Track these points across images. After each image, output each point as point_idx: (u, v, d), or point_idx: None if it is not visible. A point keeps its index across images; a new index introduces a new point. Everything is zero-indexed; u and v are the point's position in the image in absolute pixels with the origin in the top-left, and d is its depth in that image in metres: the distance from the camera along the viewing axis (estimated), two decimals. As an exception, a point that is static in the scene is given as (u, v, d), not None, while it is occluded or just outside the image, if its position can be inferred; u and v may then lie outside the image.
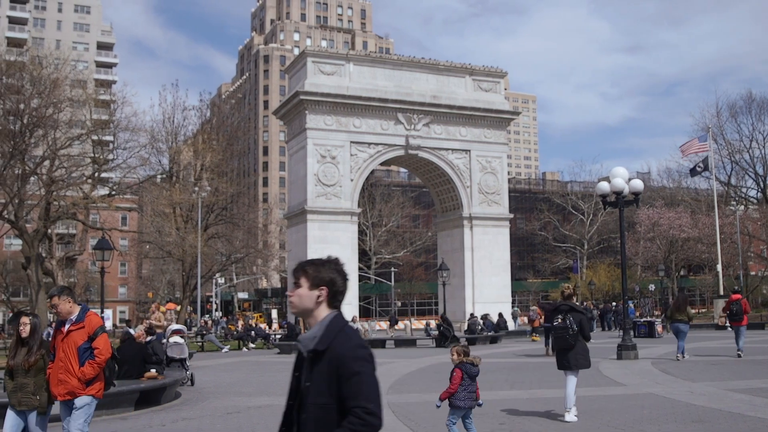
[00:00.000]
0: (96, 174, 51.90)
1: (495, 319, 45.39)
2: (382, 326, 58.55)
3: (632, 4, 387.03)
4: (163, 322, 24.83)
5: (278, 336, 42.44)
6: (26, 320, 9.16)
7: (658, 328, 39.78)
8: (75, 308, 8.74)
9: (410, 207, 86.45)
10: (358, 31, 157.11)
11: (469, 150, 59.62)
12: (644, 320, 42.17)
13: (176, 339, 21.44)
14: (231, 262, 66.65)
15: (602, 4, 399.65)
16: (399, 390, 18.21)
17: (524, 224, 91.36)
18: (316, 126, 55.25)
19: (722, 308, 46.74)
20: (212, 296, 79.29)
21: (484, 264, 58.91)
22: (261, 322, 57.69)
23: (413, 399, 16.31)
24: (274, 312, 74.31)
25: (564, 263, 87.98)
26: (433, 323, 50.05)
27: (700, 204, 73.68)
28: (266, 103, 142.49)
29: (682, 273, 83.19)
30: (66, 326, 8.69)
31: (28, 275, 46.18)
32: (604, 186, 24.80)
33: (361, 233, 71.75)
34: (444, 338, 36.63)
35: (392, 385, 19.14)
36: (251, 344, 40.05)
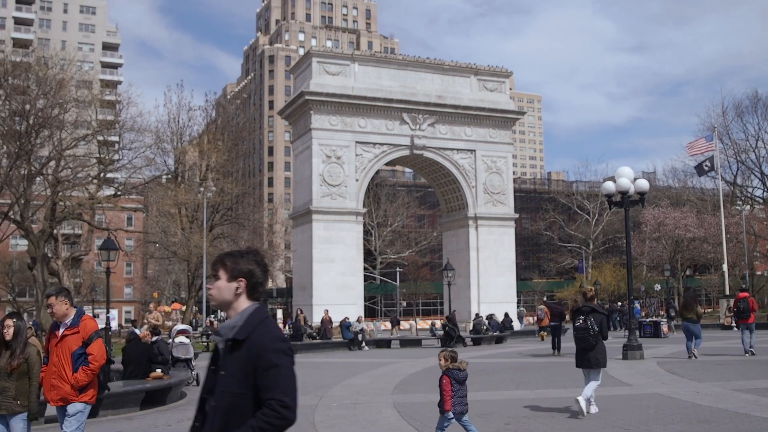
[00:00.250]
0: (101, 174, 52.00)
1: (501, 319, 45.36)
2: (387, 326, 58.51)
3: (637, 4, 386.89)
4: (161, 321, 24.85)
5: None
6: (10, 323, 8.94)
7: (664, 328, 39.75)
8: (71, 311, 8.54)
9: (415, 207, 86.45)
10: (363, 31, 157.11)
11: (475, 150, 59.57)
12: (650, 320, 42.12)
13: (182, 339, 21.46)
14: (236, 263, 66.52)
15: (607, 4, 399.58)
16: (404, 390, 18.20)
17: (529, 224, 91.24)
18: (321, 126, 55.25)
19: (727, 307, 47.11)
20: (218, 296, 79.25)
21: (490, 264, 58.85)
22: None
23: (418, 399, 16.29)
24: (279, 312, 74.32)
25: (569, 263, 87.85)
26: (439, 323, 50.05)
27: (706, 204, 73.46)
28: (271, 104, 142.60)
29: (688, 273, 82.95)
30: (60, 330, 8.50)
31: (34, 275, 46.26)
32: (610, 186, 24.75)
33: (367, 233, 71.72)
34: (449, 338, 36.63)
35: (397, 385, 19.14)
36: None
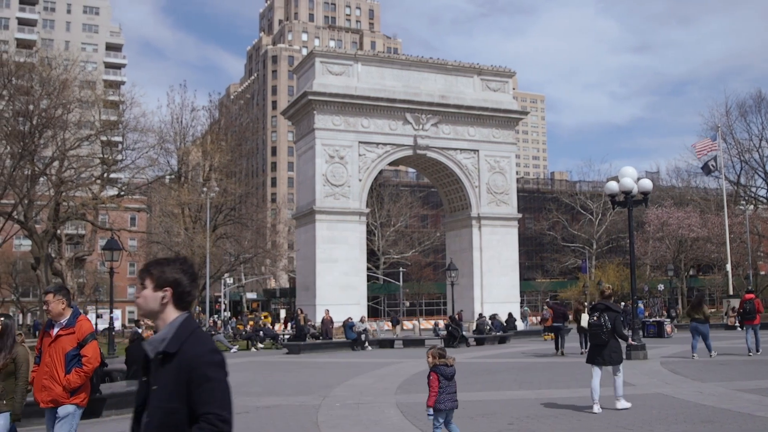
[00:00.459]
0: (105, 174, 52.08)
1: (504, 319, 45.34)
2: (390, 326, 58.48)
3: (640, 4, 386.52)
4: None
5: (287, 336, 42.48)
6: None
7: (667, 328, 39.71)
8: (67, 311, 8.23)
9: (419, 207, 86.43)
10: (366, 32, 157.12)
11: (478, 150, 59.58)
12: (653, 320, 42.07)
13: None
14: (239, 263, 66.69)
15: (610, 4, 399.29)
16: (407, 390, 18.19)
17: (533, 224, 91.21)
18: (325, 126, 55.28)
19: (731, 308, 47.07)
20: (221, 296, 79.42)
21: (493, 264, 58.86)
22: (268, 322, 57.72)
23: (421, 399, 16.18)
24: (282, 312, 74.42)
25: (573, 263, 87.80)
26: (442, 323, 50.03)
27: (710, 203, 73.40)
28: (275, 104, 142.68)
29: (691, 273, 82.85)
30: (55, 329, 8.22)
31: (38, 276, 46.35)
32: (613, 186, 24.72)
33: (370, 233, 71.75)
34: (452, 338, 36.64)
35: (401, 385, 19.13)
36: (260, 344, 40.10)
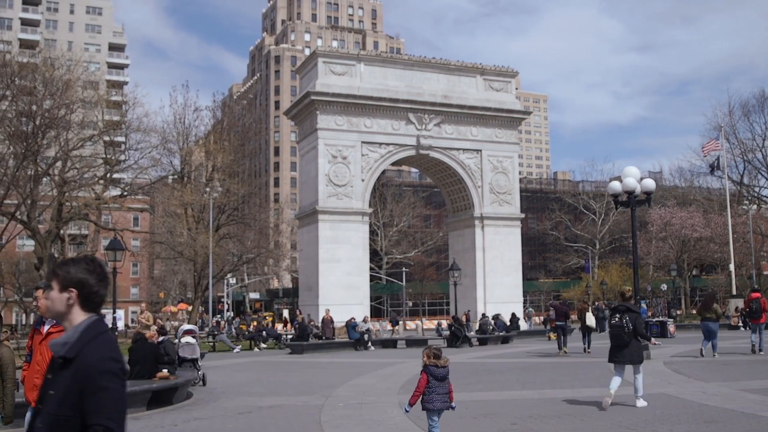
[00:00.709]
0: (108, 175, 52.16)
1: (507, 319, 45.31)
2: (390, 326, 58.45)
3: (643, 3, 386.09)
4: (152, 321, 24.93)
5: (289, 336, 42.47)
6: None
7: (671, 328, 39.69)
8: None
9: (421, 207, 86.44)
10: (369, 32, 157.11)
11: (481, 150, 59.52)
12: (656, 320, 42.03)
13: (188, 339, 21.50)
14: (242, 263, 66.75)
15: (613, 3, 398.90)
16: (410, 390, 18.05)
17: (536, 224, 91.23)
18: (327, 126, 55.25)
19: (735, 308, 47.02)
20: (224, 296, 79.45)
21: (496, 264, 58.81)
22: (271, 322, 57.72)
23: (424, 399, 16.23)
24: (285, 312, 74.42)
25: (576, 263, 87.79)
26: (445, 323, 50.02)
27: (713, 203, 73.34)
28: (277, 104, 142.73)
29: (695, 273, 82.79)
30: (46, 327, 7.92)
31: (41, 276, 46.37)
32: (616, 185, 24.67)
33: (373, 233, 71.75)
34: (455, 338, 36.63)
35: (404, 385, 19.12)
36: (263, 344, 40.09)
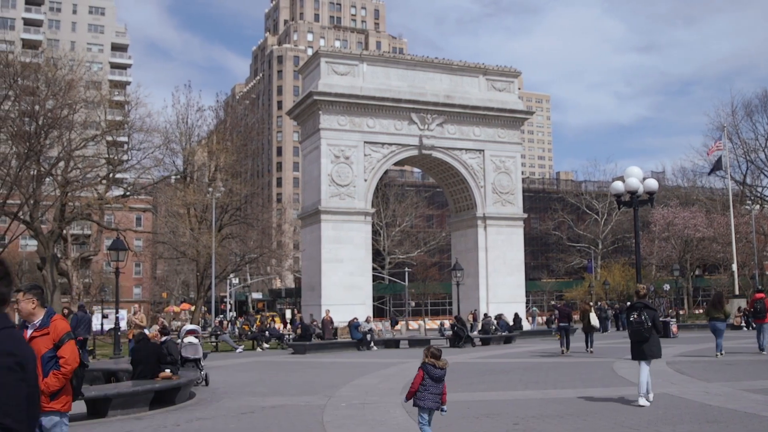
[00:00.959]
0: (110, 175, 52.20)
1: (510, 319, 45.29)
2: (397, 327, 58.49)
3: (645, 3, 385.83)
4: (145, 322, 24.99)
5: (292, 336, 42.49)
6: None
7: (673, 328, 39.69)
8: (39, 311, 7.66)
9: (424, 207, 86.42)
10: (372, 32, 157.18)
11: (483, 150, 59.47)
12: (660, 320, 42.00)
13: (191, 339, 21.52)
14: (245, 263, 66.78)
15: (615, 4, 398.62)
16: (413, 390, 18.17)
17: (538, 224, 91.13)
18: (330, 126, 55.24)
19: (738, 308, 47.00)
20: (226, 296, 79.53)
21: (498, 264, 58.76)
22: (277, 322, 57.77)
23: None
24: (288, 312, 74.47)
25: (578, 263, 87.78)
26: (447, 323, 50.03)
27: (715, 203, 73.31)
28: (280, 104, 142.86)
29: (697, 273, 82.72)
30: (29, 331, 7.65)
31: (44, 276, 46.50)
32: (619, 185, 24.65)
33: (375, 233, 71.74)
34: (458, 338, 36.64)
35: (406, 385, 19.06)
36: (265, 344, 40.12)
